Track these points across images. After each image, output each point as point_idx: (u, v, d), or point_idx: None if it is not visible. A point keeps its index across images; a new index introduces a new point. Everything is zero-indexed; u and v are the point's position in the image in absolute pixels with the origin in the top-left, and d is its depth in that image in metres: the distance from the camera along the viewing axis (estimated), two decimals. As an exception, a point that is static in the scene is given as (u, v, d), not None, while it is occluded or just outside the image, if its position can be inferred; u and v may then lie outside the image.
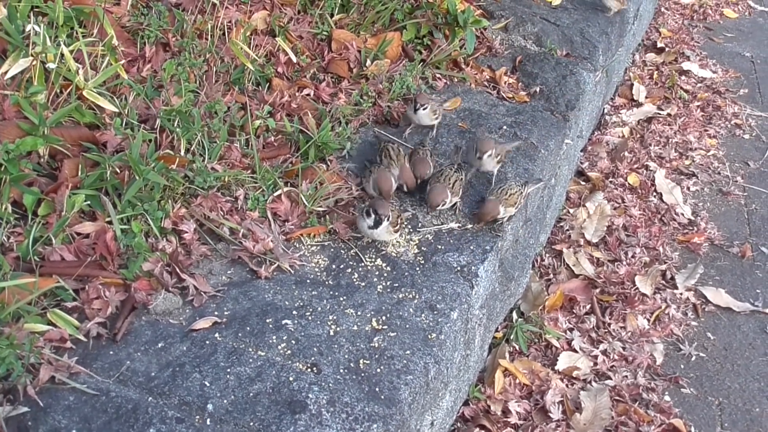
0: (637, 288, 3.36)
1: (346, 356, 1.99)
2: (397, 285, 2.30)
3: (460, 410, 2.69)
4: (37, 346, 1.81)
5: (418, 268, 2.40)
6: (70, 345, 1.88)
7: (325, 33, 3.39)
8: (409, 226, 2.59)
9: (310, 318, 2.10)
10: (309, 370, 1.92)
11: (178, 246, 2.21)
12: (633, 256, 3.55)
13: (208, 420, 1.75)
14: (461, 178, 2.70)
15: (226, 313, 2.07)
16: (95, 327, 1.93)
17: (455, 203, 2.66)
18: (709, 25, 6.43)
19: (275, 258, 2.29)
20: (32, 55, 2.33)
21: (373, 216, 2.33)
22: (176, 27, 2.97)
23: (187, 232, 2.26)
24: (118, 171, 2.27)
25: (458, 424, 2.67)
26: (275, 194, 2.51)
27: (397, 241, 2.50)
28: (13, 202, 2.12)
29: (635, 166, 4.29)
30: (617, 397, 2.84)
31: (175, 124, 2.49)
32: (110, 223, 2.14)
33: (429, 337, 2.13)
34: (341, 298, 2.20)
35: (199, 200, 2.37)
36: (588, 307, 3.26)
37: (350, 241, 2.45)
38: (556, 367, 2.95)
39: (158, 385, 1.82)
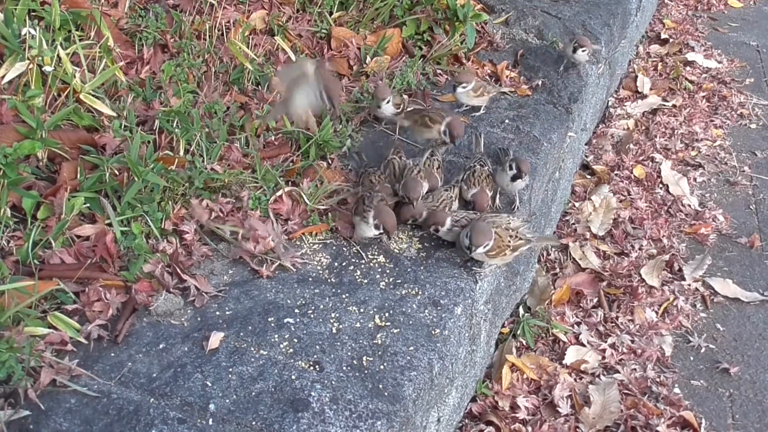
0: (644, 280, 3.33)
1: (349, 353, 1.98)
2: (399, 281, 2.29)
3: (468, 406, 2.67)
4: (37, 349, 1.81)
5: (420, 264, 2.38)
6: (71, 348, 1.87)
7: (324, 31, 3.38)
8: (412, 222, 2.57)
9: (312, 316, 2.08)
10: (311, 368, 1.91)
11: (179, 247, 2.20)
12: (640, 249, 3.52)
13: (210, 420, 1.74)
14: (452, 198, 2.61)
15: (227, 312, 2.06)
16: (96, 329, 1.92)
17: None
18: (713, 15, 6.38)
19: (277, 257, 2.27)
20: (29, 59, 2.33)
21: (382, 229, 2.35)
22: (174, 28, 2.97)
23: (188, 233, 2.25)
24: (117, 173, 2.26)
25: (466, 421, 2.65)
26: (277, 194, 2.49)
27: (399, 237, 2.48)
28: (12, 206, 2.12)
29: (641, 158, 4.26)
30: (626, 391, 2.81)
31: (174, 125, 2.49)
32: (110, 225, 2.14)
33: (433, 332, 2.11)
34: (344, 296, 2.18)
35: (201, 201, 2.36)
36: (595, 300, 3.24)
37: (352, 239, 2.44)
38: (563, 362, 2.92)
39: (160, 386, 1.81)
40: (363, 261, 2.36)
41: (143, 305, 2.03)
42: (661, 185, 4.05)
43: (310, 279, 2.25)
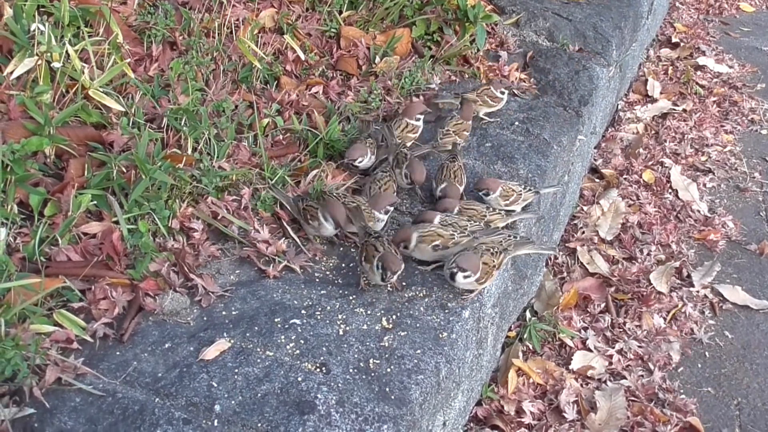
0: (653, 286, 3.30)
1: (356, 356, 1.96)
2: (407, 283, 2.27)
3: (473, 410, 2.65)
4: (43, 347, 1.79)
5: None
6: (77, 346, 1.86)
7: (333, 30, 3.37)
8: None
9: (319, 317, 2.06)
10: (318, 370, 1.89)
11: (186, 246, 2.19)
12: (648, 254, 3.50)
13: (216, 421, 1.72)
14: (484, 214, 2.54)
15: (234, 312, 2.05)
16: (102, 327, 1.91)
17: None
18: (725, 20, 6.35)
19: (287, 260, 2.25)
20: (38, 55, 2.31)
21: (383, 271, 2.15)
22: (183, 26, 2.95)
23: (196, 231, 2.24)
24: (125, 170, 2.25)
25: (471, 425, 2.63)
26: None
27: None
28: (19, 203, 2.11)
29: (650, 162, 4.24)
30: (632, 397, 2.79)
31: (182, 123, 2.47)
32: (117, 222, 2.12)
33: (440, 336, 2.09)
34: (351, 297, 2.17)
35: (208, 200, 2.35)
36: (602, 305, 3.21)
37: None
38: (570, 367, 2.91)
39: (165, 385, 1.79)
40: (370, 262, 2.34)
41: (148, 305, 2.02)
42: (670, 190, 4.02)
43: (317, 280, 2.24)
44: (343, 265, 2.32)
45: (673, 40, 5.74)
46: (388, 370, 1.94)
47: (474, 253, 2.25)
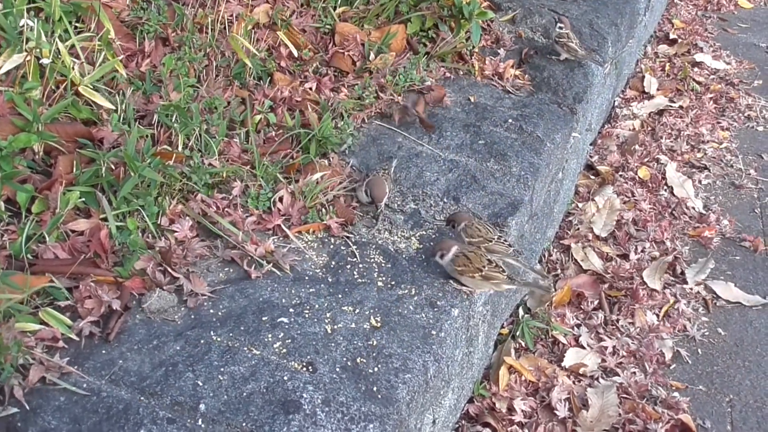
0: (646, 283, 3.30)
1: (343, 355, 1.95)
2: (397, 281, 2.26)
3: (465, 408, 2.65)
4: (28, 345, 1.79)
5: (419, 264, 2.36)
6: (63, 344, 1.85)
7: (328, 26, 3.35)
8: (411, 221, 2.55)
9: (307, 316, 2.06)
10: (304, 369, 1.89)
11: (174, 243, 2.18)
12: (642, 251, 3.49)
13: (200, 420, 1.72)
14: None
15: (221, 311, 2.04)
16: (88, 326, 1.90)
17: None
18: (723, 16, 6.33)
19: (274, 260, 2.24)
20: (27, 51, 2.30)
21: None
22: (176, 21, 2.94)
23: (184, 229, 2.22)
24: (114, 167, 2.24)
25: (463, 422, 2.63)
26: (278, 194, 2.46)
27: (398, 237, 2.46)
28: (6, 200, 2.10)
29: (646, 159, 4.23)
30: (625, 394, 2.79)
31: (173, 120, 2.46)
32: (105, 220, 2.12)
33: (429, 334, 2.08)
34: (339, 296, 2.16)
35: (197, 197, 2.34)
36: (596, 302, 3.21)
37: (349, 238, 2.41)
38: (562, 364, 2.90)
39: (150, 384, 1.79)
40: (360, 260, 2.33)
41: (136, 302, 2.01)
42: (665, 187, 4.02)
43: (306, 278, 2.23)
44: (333, 263, 2.31)
45: (671, 36, 5.72)
46: (376, 369, 1.93)
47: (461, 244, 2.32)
